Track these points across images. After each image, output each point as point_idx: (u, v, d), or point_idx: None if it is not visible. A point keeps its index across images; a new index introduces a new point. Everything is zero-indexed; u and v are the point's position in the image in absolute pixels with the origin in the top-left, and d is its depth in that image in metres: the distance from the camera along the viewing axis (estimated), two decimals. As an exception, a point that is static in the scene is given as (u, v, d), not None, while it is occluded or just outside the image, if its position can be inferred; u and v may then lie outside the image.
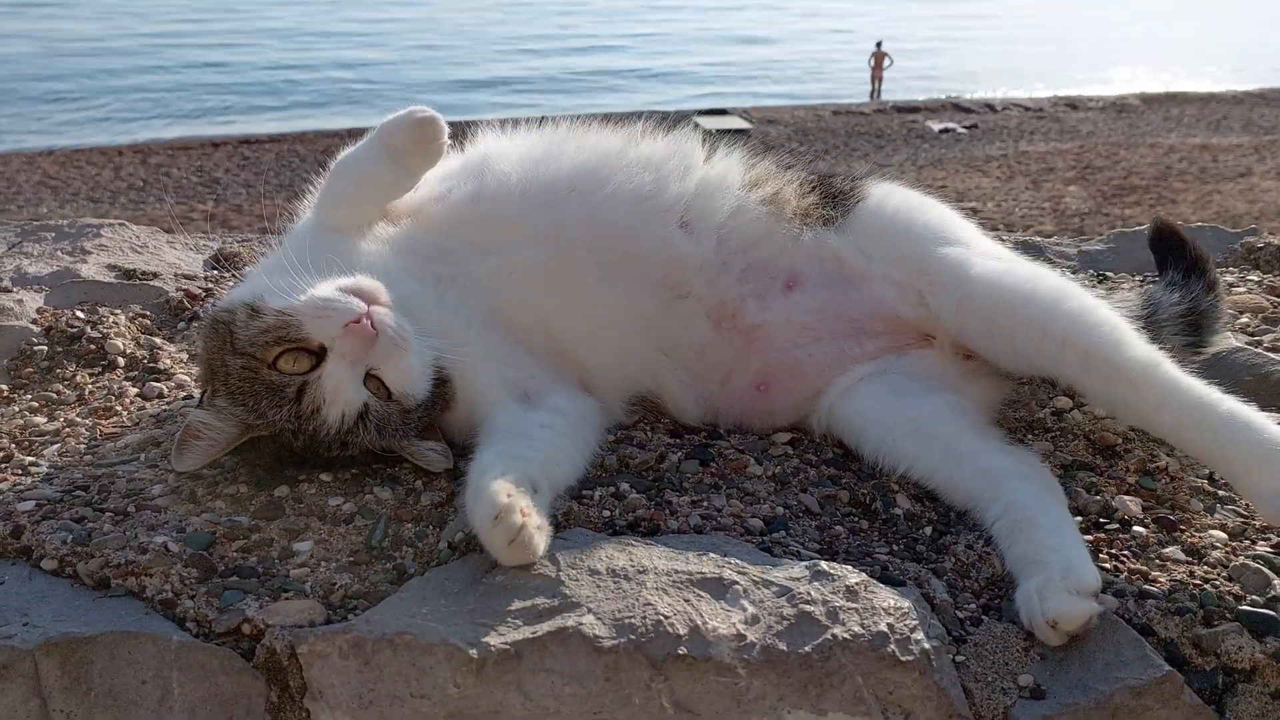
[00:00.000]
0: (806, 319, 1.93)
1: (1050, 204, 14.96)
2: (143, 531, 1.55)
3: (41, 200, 15.26)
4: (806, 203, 2.00)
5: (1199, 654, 1.44)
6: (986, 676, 1.42)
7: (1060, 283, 1.80)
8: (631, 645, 1.34)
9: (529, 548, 1.43)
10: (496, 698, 1.33)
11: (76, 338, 2.13)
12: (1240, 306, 2.43)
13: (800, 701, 1.34)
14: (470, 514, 1.47)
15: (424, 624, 1.36)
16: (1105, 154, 18.06)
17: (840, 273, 1.94)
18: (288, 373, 1.62)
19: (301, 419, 1.62)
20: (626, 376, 1.93)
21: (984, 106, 21.77)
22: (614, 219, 1.88)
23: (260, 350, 1.62)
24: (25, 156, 17.76)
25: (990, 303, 1.80)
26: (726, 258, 1.92)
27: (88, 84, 24.12)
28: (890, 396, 1.89)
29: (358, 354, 1.61)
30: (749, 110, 21.49)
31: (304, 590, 1.46)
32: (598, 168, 1.91)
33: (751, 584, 1.44)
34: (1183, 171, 16.58)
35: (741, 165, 2.03)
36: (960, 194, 15.49)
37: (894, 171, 16.66)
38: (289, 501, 1.66)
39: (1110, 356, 1.64)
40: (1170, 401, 1.59)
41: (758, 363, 1.94)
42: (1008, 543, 1.58)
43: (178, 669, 1.38)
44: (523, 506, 1.44)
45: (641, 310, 1.90)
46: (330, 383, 1.61)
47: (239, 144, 18.74)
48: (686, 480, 1.79)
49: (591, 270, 1.87)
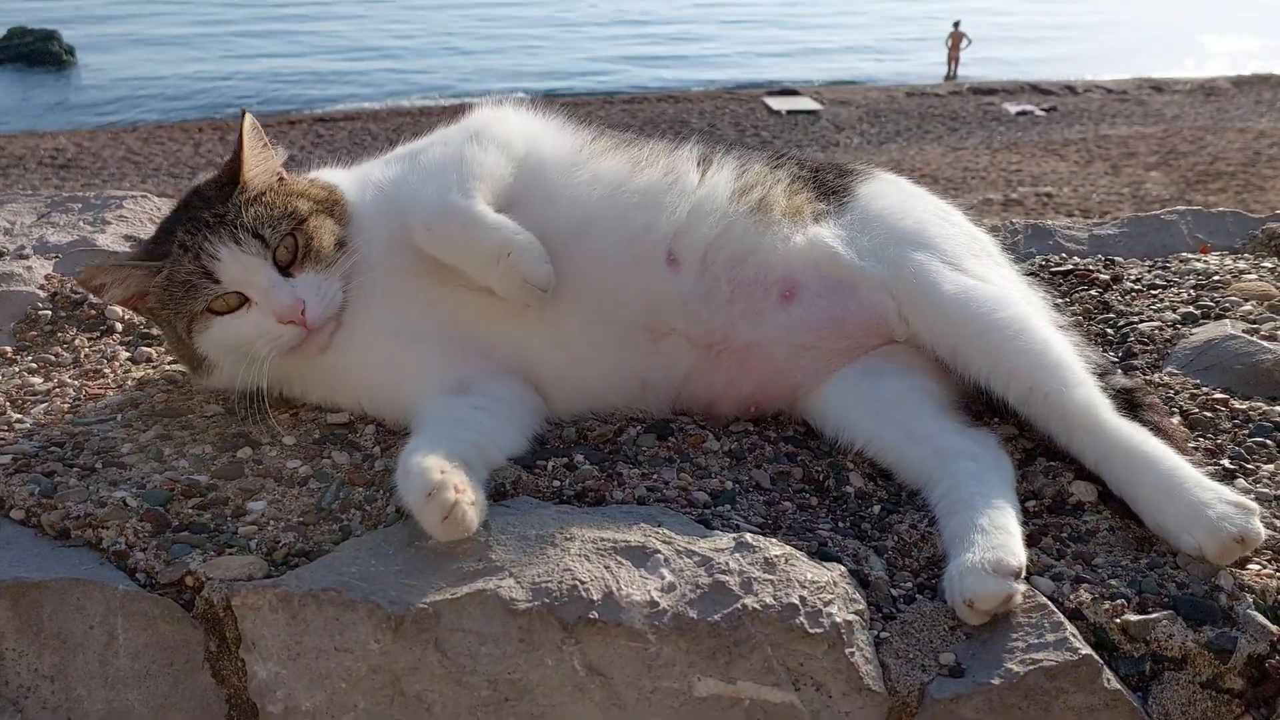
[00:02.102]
0: (806, 339, 1.87)
1: (1130, 190, 14.52)
2: (104, 487, 1.62)
3: (125, 175, 15.80)
4: (798, 201, 1.96)
5: (1127, 640, 1.43)
6: (909, 653, 1.43)
7: (1017, 315, 1.78)
8: (545, 608, 1.37)
9: (462, 523, 1.44)
10: (415, 654, 1.38)
11: (79, 303, 2.23)
12: (1245, 293, 2.36)
13: (710, 669, 1.37)
14: (402, 492, 1.49)
15: (350, 582, 1.42)
16: (1190, 138, 17.45)
17: (836, 275, 1.88)
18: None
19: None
20: (602, 403, 1.91)
21: (1064, 88, 21.18)
22: (603, 267, 1.84)
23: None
24: (110, 132, 18.40)
25: (955, 327, 1.80)
26: (711, 284, 1.87)
27: (169, 62, 24.82)
28: (859, 378, 1.88)
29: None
30: (820, 90, 21.22)
31: (248, 547, 1.53)
32: (595, 215, 1.87)
33: (675, 553, 1.47)
34: (1273, 158, 15.94)
35: (732, 175, 1.97)
36: (1035, 178, 15.14)
37: (968, 155, 16.44)
38: (249, 463, 1.72)
39: (1051, 395, 1.69)
40: (1100, 447, 1.66)
41: (749, 387, 1.90)
42: (945, 522, 1.58)
43: (122, 616, 1.46)
44: (456, 483, 1.45)
45: (621, 355, 1.87)
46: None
47: (314, 121, 19.16)
48: (642, 453, 1.81)
49: (572, 312, 1.83)
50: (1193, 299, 2.37)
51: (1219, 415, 1.90)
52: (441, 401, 1.72)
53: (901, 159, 16.25)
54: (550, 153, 1.93)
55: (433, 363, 1.78)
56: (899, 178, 2.13)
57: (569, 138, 1.97)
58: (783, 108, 19.60)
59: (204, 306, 1.74)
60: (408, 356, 1.79)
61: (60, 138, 17.94)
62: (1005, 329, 1.76)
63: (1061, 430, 1.70)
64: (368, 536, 1.54)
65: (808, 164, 2.08)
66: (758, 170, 2.00)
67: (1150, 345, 2.17)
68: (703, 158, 1.98)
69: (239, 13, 31.40)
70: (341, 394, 1.87)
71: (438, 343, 1.80)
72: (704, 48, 28.00)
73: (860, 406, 1.84)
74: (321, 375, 1.85)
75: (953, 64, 24.14)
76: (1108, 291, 2.45)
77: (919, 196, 2.08)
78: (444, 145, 1.89)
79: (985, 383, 1.77)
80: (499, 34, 29.29)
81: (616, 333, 1.86)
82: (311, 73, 24.33)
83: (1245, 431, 1.86)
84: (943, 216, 2.02)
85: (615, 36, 28.32)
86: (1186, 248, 2.73)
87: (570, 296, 1.81)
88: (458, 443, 1.56)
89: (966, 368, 1.79)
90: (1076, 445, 1.69)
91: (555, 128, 1.99)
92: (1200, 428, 1.87)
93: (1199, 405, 1.93)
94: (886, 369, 1.88)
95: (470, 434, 1.62)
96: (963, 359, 1.79)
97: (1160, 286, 2.45)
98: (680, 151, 1.98)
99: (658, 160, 1.95)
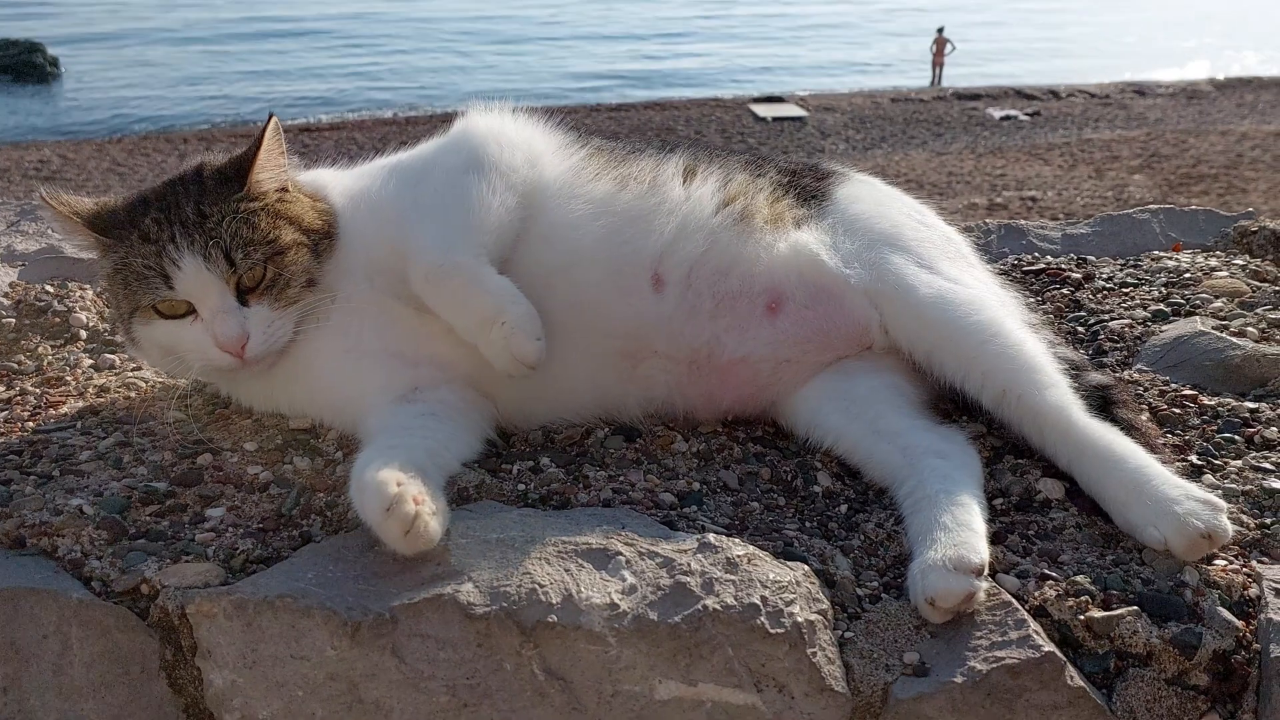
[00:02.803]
0: (792, 353, 1.85)
1: (1113, 193, 14.57)
2: (61, 495, 1.60)
3: (110, 187, 15.73)
4: (779, 208, 1.94)
5: (1091, 637, 1.42)
6: (873, 653, 1.41)
7: (991, 318, 1.78)
8: (503, 612, 1.36)
9: (425, 535, 1.40)
10: (372, 661, 1.36)
11: (44, 311, 2.21)
12: (1216, 291, 2.37)
13: (671, 671, 1.35)
14: (359, 507, 1.44)
15: (306, 588, 1.40)
16: (1173, 141, 17.53)
17: (820, 282, 1.85)
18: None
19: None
20: (571, 419, 1.88)
21: (1047, 93, 21.26)
22: (588, 298, 1.80)
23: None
24: (95, 144, 18.32)
25: (930, 331, 1.80)
26: (694, 300, 1.83)
27: (154, 73, 24.75)
28: (830, 376, 1.88)
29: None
30: (805, 97, 21.27)
31: (205, 554, 1.50)
32: (586, 248, 1.81)
33: (637, 555, 1.45)
34: (1255, 160, 16.02)
35: (716, 186, 1.92)
36: (1020, 183, 15.18)
37: (953, 160, 16.48)
38: (209, 469, 1.70)
39: (1024, 397, 1.71)
40: (1071, 447, 1.66)
41: (728, 401, 1.88)
42: (910, 520, 1.58)
43: (76, 625, 1.43)
44: (414, 494, 1.41)
45: (597, 380, 1.84)
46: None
47: (299, 131, 19.09)
48: (609, 456, 1.80)
49: (552, 338, 1.75)
50: (1164, 296, 2.37)
51: (1188, 411, 1.90)
52: (391, 410, 1.69)
53: (887, 164, 16.28)
54: (550, 177, 1.86)
55: (381, 373, 1.74)
56: (874, 179, 2.13)
57: (566, 157, 1.91)
58: (768, 114, 19.62)
59: (150, 304, 1.71)
60: (357, 370, 1.75)
61: (45, 149, 17.85)
62: (979, 333, 1.76)
63: (1034, 431, 1.71)
64: (327, 542, 1.52)
65: (786, 168, 2.06)
66: (740, 180, 1.96)
67: (1120, 343, 2.17)
68: (687, 170, 1.94)
69: (224, 25, 31.34)
70: (287, 406, 1.84)
71: (390, 356, 1.75)
72: (692, 54, 28.05)
73: (830, 404, 1.83)
74: (264, 388, 1.82)
75: (937, 70, 24.22)
76: (1079, 290, 2.45)
77: (894, 198, 2.07)
78: (445, 172, 1.81)
79: (960, 385, 1.77)
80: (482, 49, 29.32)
81: (594, 359, 1.83)
82: (298, 83, 24.28)
83: (1214, 428, 1.85)
84: (918, 218, 2.01)
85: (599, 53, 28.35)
86: (1159, 246, 2.74)
87: (553, 326, 1.76)
88: (411, 451, 1.52)
89: (941, 370, 1.79)
90: (1049, 446, 1.70)
91: (554, 145, 1.93)
92: (1169, 424, 1.87)
93: (1168, 402, 1.93)
94: (857, 368, 1.87)
95: (422, 441, 1.59)
96: (937, 362, 1.79)
97: (1132, 285, 2.46)
98: (666, 167, 1.93)
99: (645, 177, 1.90)
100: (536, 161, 1.87)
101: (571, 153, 1.92)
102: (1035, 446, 1.73)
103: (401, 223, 1.75)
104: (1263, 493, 1.66)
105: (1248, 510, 1.63)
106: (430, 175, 1.83)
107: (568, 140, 1.95)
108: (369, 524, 1.43)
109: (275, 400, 1.84)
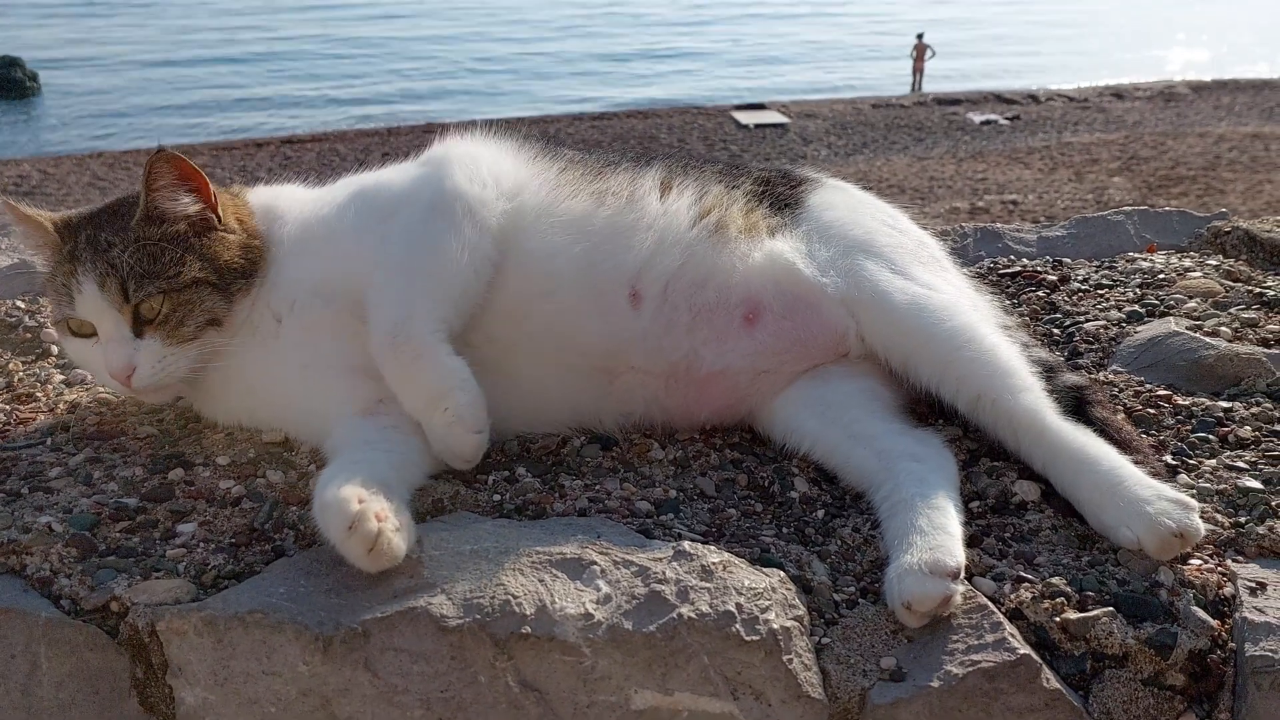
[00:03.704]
0: (769, 363, 1.84)
1: (1093, 195, 14.67)
2: (30, 512, 1.58)
3: (90, 201, 15.52)
4: (754, 218, 1.93)
5: (1068, 639, 1.42)
6: (850, 659, 1.41)
7: (965, 323, 1.78)
8: (476, 624, 1.35)
9: (389, 552, 1.38)
10: (345, 676, 1.35)
11: (14, 326, 2.19)
12: (1190, 291, 2.38)
13: (647, 681, 1.34)
14: (322, 527, 1.43)
15: (277, 603, 1.38)
16: (1152, 144, 17.67)
17: (797, 291, 1.84)
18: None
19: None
20: (553, 429, 1.86)
21: (1027, 97, 21.40)
22: (565, 319, 1.79)
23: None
24: (76, 159, 18.23)
25: (905, 337, 1.80)
26: (671, 314, 1.81)
27: (133, 88, 24.65)
28: (806, 382, 1.87)
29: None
30: (787, 105, 21.34)
31: (176, 570, 1.49)
32: (564, 272, 1.79)
33: (612, 564, 1.44)
34: (1233, 161, 16.18)
35: (692, 199, 1.91)
36: (1001, 186, 15.28)
37: (934, 164, 16.55)
38: (180, 484, 1.68)
39: (998, 401, 1.71)
40: (1045, 450, 1.67)
41: (705, 412, 1.87)
42: (886, 524, 1.57)
43: (45, 644, 1.42)
44: (377, 510, 1.39)
45: (573, 396, 1.83)
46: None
47: (281, 144, 19.05)
48: (585, 465, 1.79)
49: (525, 360, 1.79)
50: (1138, 298, 2.38)
51: (1162, 412, 1.91)
52: (354, 424, 1.68)
53: (869, 170, 16.35)
54: (528, 204, 1.82)
55: (342, 387, 1.73)
56: (847, 184, 2.13)
57: (541, 177, 1.87)
58: (750, 122, 19.68)
59: (63, 319, 1.76)
60: (317, 385, 1.74)
61: (24, 165, 17.75)
62: (954, 339, 1.76)
63: (1009, 435, 1.72)
64: (300, 556, 1.51)
65: (760, 176, 2.04)
66: (716, 193, 1.94)
67: (1095, 344, 2.18)
68: (664, 184, 1.93)
69: (204, 38, 31.25)
70: (249, 421, 1.83)
71: (350, 370, 1.73)
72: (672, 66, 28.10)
73: (806, 410, 1.83)
74: (223, 403, 1.82)
75: (917, 75, 24.35)
76: (1055, 292, 2.45)
77: (866, 203, 2.07)
78: (413, 214, 1.75)
79: (935, 390, 1.78)
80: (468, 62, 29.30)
81: (569, 375, 1.82)
82: (277, 96, 24.21)
83: (1188, 428, 1.86)
84: (890, 223, 2.01)
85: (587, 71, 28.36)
86: (1134, 247, 2.75)
87: (525, 347, 1.77)
88: (373, 466, 1.51)
89: (917, 376, 1.79)
90: (1025, 449, 1.70)
91: (530, 169, 1.89)
92: (1144, 424, 1.87)
93: (1142, 402, 1.94)
94: (833, 373, 1.87)
95: (386, 455, 1.57)
96: (913, 368, 1.80)
97: (1107, 286, 2.47)
98: (643, 181, 1.91)
99: (622, 192, 1.88)
100: (513, 192, 1.83)
101: (546, 169, 1.89)
102: (1011, 450, 1.73)
103: (361, 262, 1.72)
104: (1237, 491, 1.66)
105: (1222, 509, 1.64)
106: (398, 215, 1.76)
107: (541, 155, 1.93)
108: (332, 543, 1.42)
109: (236, 415, 1.83)
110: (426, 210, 1.75)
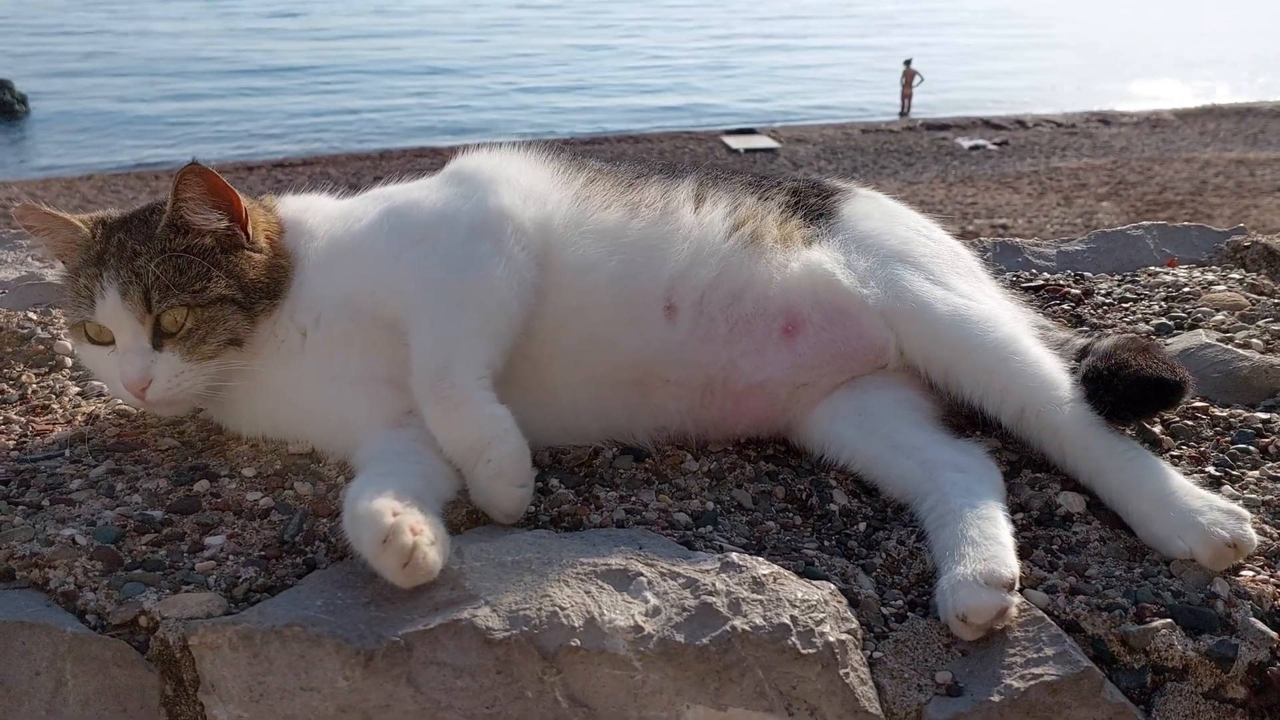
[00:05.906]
0: (809, 376, 1.81)
1: (1082, 220, 14.75)
2: (52, 525, 1.53)
3: (79, 225, 15.54)
4: (789, 227, 1.90)
5: (1127, 651, 1.38)
6: (904, 673, 1.37)
7: (1008, 335, 1.76)
8: (524, 637, 1.30)
9: (424, 567, 1.34)
10: (386, 691, 1.30)
11: (27, 338, 2.14)
12: (1217, 304, 2.36)
13: (699, 695, 1.30)
14: (354, 540, 1.38)
15: (315, 616, 1.34)
16: (1139, 169, 17.81)
17: (836, 302, 1.81)
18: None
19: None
20: (584, 441, 1.83)
21: (1015, 123, 21.55)
22: (600, 334, 1.76)
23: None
24: (65, 181, 18.14)
25: (948, 349, 1.78)
26: (707, 326, 1.78)
27: (123, 111, 24.61)
28: (844, 393, 1.84)
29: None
30: (777, 129, 21.44)
31: (206, 583, 1.44)
32: (600, 287, 1.76)
33: (658, 576, 1.40)
34: (1219, 186, 16.31)
35: (726, 210, 1.88)
36: (990, 210, 15.34)
37: (924, 189, 16.63)
38: (206, 496, 1.64)
39: (1043, 413, 1.69)
40: (1091, 462, 1.65)
41: (742, 425, 1.84)
42: (934, 535, 1.54)
43: (71, 660, 1.36)
44: (412, 524, 1.35)
45: (606, 410, 1.79)
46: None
47: (273, 167, 18.99)
48: (619, 476, 1.75)
49: (559, 374, 1.75)
50: (1164, 310, 2.37)
51: (1200, 423, 1.88)
52: (383, 436, 1.63)
53: (859, 194, 16.39)
54: (559, 216, 1.78)
55: (370, 399, 1.69)
56: (878, 194, 2.11)
57: (568, 188, 1.83)
58: (741, 146, 19.74)
59: (79, 322, 1.71)
60: (344, 397, 1.70)
61: (13, 187, 17.62)
62: (997, 350, 1.74)
63: (1054, 447, 1.69)
64: (334, 568, 1.46)
65: (790, 187, 2.02)
66: (750, 204, 1.92)
67: (1127, 356, 2.15)
68: (698, 195, 1.90)
69: (193, 63, 31.25)
70: (273, 433, 1.78)
71: (378, 382, 1.69)
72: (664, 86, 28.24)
73: (845, 420, 1.80)
74: (246, 415, 1.78)
75: (906, 101, 24.50)
76: (1080, 305, 2.43)
77: (900, 213, 2.05)
78: (455, 235, 1.68)
79: (978, 403, 1.75)
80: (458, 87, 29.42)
81: (603, 390, 1.78)
82: (269, 118, 24.21)
83: (1227, 439, 1.83)
84: (925, 233, 1.99)
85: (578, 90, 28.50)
86: (1154, 262, 2.74)
87: (558, 361, 1.73)
88: (404, 478, 1.46)
89: (959, 388, 1.77)
90: (1070, 461, 1.68)
91: (558, 179, 1.85)
92: (1182, 436, 1.85)
93: (1179, 413, 1.91)
94: (870, 383, 1.84)
95: (417, 467, 1.53)
96: (955, 380, 1.77)
97: (1131, 299, 2.45)
98: (677, 193, 1.88)
99: (656, 204, 1.85)
100: (544, 201, 1.79)
101: (572, 181, 1.86)
102: (1055, 462, 1.71)
103: (397, 282, 1.67)
104: (1285, 502, 1.63)
105: (1269, 520, 1.61)
106: (437, 235, 1.70)
107: (566, 167, 1.89)
108: (365, 557, 1.37)
109: (259, 427, 1.78)
110: (469, 232, 1.69)
